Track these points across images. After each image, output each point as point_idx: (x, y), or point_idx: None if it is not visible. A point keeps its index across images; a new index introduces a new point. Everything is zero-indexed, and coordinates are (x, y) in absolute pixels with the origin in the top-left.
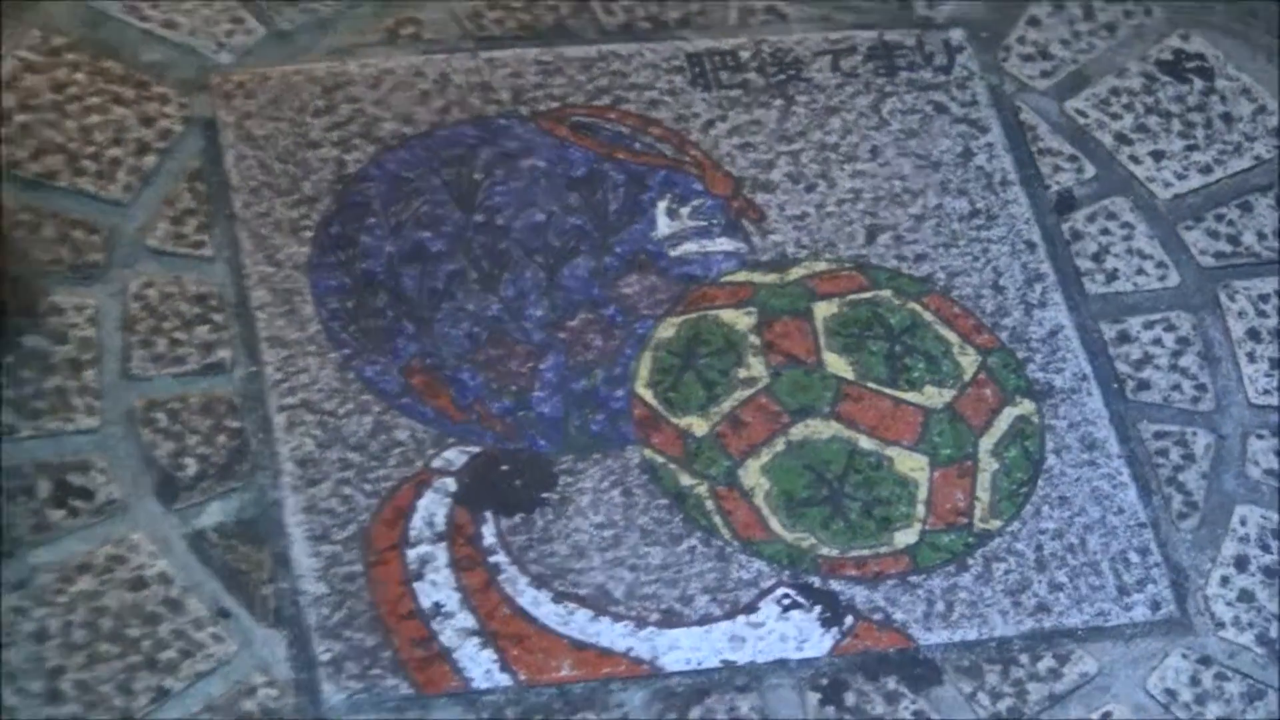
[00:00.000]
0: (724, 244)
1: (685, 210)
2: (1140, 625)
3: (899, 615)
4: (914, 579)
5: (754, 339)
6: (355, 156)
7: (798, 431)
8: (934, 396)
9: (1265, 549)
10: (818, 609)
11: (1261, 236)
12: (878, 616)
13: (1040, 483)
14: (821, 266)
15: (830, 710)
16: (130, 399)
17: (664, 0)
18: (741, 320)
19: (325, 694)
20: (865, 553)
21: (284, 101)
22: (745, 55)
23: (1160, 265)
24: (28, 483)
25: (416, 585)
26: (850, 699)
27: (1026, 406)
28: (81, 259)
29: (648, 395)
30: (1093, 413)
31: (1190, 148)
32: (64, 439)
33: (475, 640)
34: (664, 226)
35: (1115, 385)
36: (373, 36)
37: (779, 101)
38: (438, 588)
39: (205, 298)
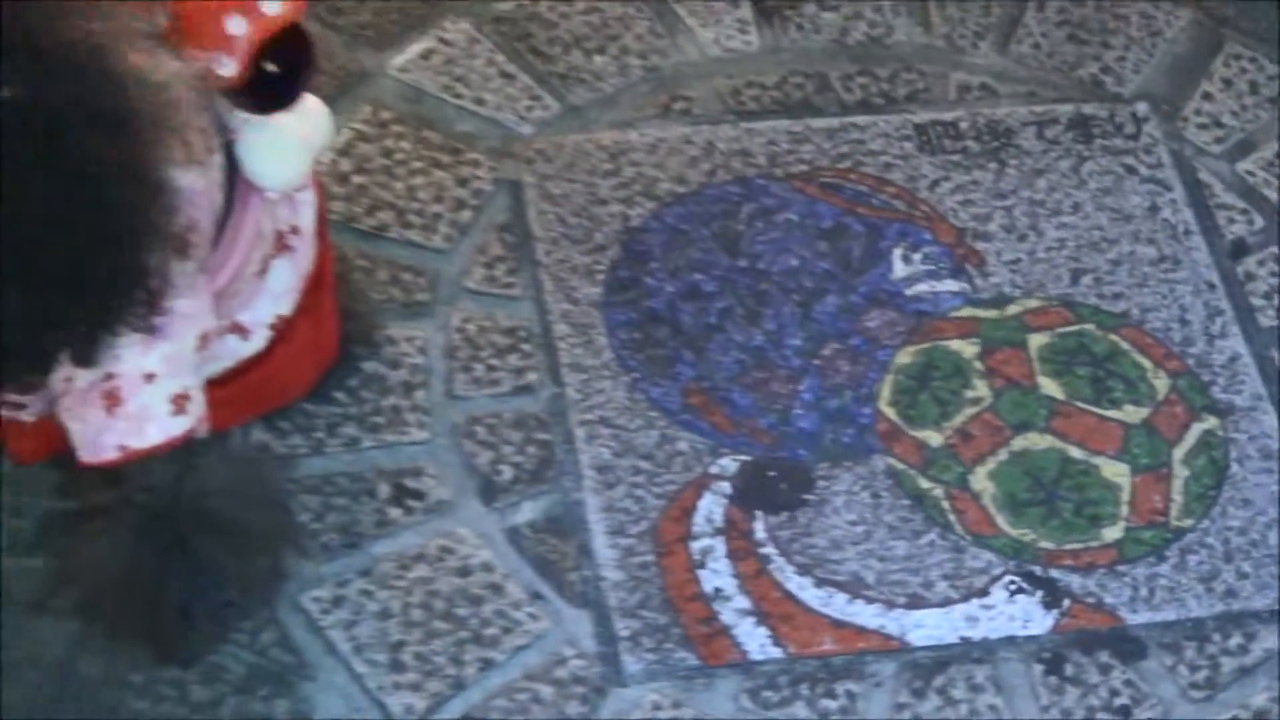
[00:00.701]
0: (951, 285)
1: (917, 256)
2: None
3: (1109, 599)
4: (1121, 568)
5: (978, 365)
6: (637, 211)
7: (1018, 443)
8: (1132, 413)
9: None
10: (1040, 593)
11: None
12: (1091, 600)
13: (1225, 487)
14: (1034, 304)
15: (1053, 680)
16: (454, 415)
17: (894, 80)
18: (967, 349)
19: (625, 664)
20: (1078, 546)
21: (576, 165)
22: (964, 125)
23: None
24: (370, 486)
25: (700, 572)
26: (1069, 670)
27: (1211, 422)
28: (410, 298)
29: (890, 412)
30: (1269, 428)
31: None
32: (399, 449)
33: (750, 619)
34: (900, 270)
35: None
36: (650, 111)
37: (993, 165)
38: (718, 575)
39: (515, 330)
